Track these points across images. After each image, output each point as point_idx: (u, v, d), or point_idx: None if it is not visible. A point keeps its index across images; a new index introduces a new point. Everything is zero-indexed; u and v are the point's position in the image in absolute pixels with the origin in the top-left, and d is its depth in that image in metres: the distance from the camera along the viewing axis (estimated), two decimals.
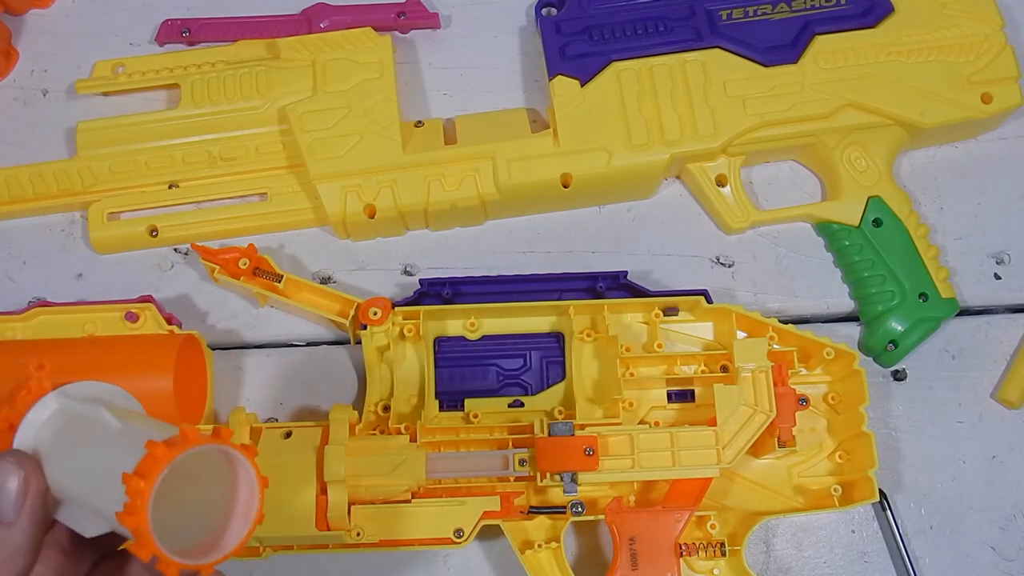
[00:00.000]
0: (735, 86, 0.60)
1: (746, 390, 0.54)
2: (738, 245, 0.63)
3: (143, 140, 0.62)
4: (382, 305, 0.56)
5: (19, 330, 0.58)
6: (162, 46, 0.67)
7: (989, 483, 0.59)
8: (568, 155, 0.60)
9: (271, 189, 0.62)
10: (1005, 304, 0.62)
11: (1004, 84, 0.61)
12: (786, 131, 0.60)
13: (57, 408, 0.39)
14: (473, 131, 0.62)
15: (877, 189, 0.60)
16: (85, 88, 0.64)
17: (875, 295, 0.59)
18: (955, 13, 0.61)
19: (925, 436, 0.60)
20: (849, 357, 0.56)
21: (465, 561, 0.58)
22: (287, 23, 0.66)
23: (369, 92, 0.61)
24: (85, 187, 0.62)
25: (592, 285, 0.58)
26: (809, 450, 0.57)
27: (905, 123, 0.60)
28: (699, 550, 0.54)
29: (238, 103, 0.62)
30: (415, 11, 0.66)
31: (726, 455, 0.53)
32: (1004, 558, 0.58)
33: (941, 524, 0.58)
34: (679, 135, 0.60)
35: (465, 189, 0.60)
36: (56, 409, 0.39)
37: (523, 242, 0.63)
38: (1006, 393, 0.59)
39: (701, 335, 0.59)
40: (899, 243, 0.60)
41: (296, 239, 0.63)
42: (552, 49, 0.62)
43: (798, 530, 0.58)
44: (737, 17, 0.62)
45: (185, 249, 0.63)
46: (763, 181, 0.64)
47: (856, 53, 0.61)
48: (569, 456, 0.52)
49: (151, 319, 0.58)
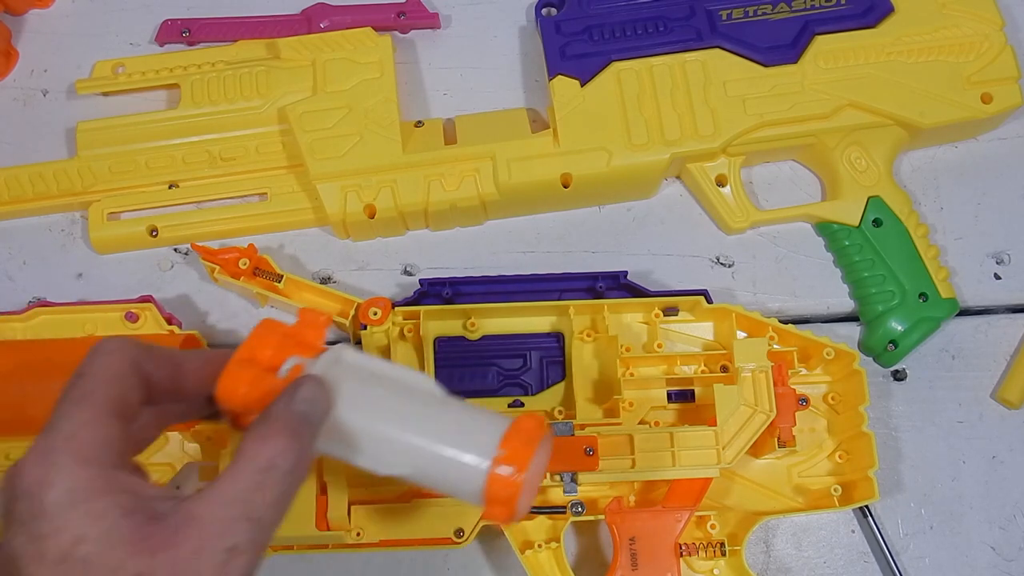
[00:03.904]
0: (735, 86, 0.60)
1: (746, 390, 0.54)
2: (738, 245, 0.63)
3: (143, 140, 0.62)
4: (382, 305, 0.56)
5: (19, 330, 0.58)
6: (162, 46, 0.67)
7: (989, 483, 0.59)
8: (568, 155, 0.60)
9: (271, 189, 0.62)
10: (1005, 304, 0.62)
11: (1004, 84, 0.61)
12: (786, 131, 0.60)
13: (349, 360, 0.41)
14: (473, 131, 0.62)
15: (877, 189, 0.60)
16: (85, 88, 0.64)
17: (875, 295, 0.59)
18: (955, 13, 0.61)
19: (925, 436, 0.60)
20: (849, 357, 0.56)
21: (465, 561, 0.58)
22: (287, 23, 0.66)
23: (369, 92, 0.61)
24: (85, 187, 0.62)
25: (592, 285, 0.58)
26: (809, 450, 0.58)
27: (905, 123, 0.60)
28: (699, 550, 0.54)
29: (238, 103, 0.62)
30: (415, 11, 0.66)
31: (726, 455, 0.53)
32: (1004, 558, 0.58)
33: (941, 524, 0.58)
34: (679, 135, 0.60)
35: (465, 189, 0.60)
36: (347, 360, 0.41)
37: (523, 242, 0.63)
38: (1006, 393, 0.59)
39: (701, 335, 0.59)
40: (899, 243, 0.60)
41: (296, 239, 0.63)
42: (552, 49, 0.62)
43: (798, 530, 0.58)
44: (737, 17, 0.62)
45: (185, 249, 0.63)
46: (763, 181, 0.64)
47: (856, 53, 0.61)
48: (569, 456, 0.52)
49: (151, 319, 0.58)
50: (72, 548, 0.33)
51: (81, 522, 0.33)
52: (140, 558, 0.33)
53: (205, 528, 0.34)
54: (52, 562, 0.33)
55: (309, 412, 0.38)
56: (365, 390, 0.40)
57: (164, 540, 0.33)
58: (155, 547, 0.33)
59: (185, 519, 0.34)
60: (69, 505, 0.33)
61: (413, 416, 0.41)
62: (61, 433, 0.35)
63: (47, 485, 0.33)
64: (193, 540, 0.33)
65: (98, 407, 0.36)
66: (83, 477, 0.34)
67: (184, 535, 0.33)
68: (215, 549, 0.33)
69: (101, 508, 0.33)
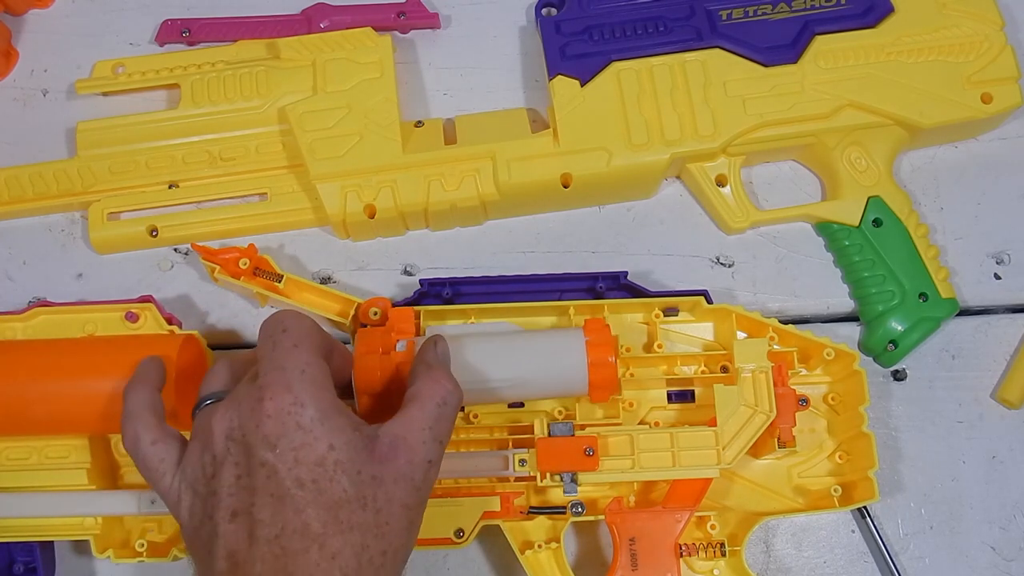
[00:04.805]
0: (735, 86, 0.60)
1: (746, 390, 0.54)
2: (738, 245, 0.63)
3: (143, 140, 0.62)
4: (382, 305, 0.56)
5: (19, 330, 0.58)
6: (162, 46, 0.67)
7: (989, 483, 0.59)
8: (568, 155, 0.60)
9: (271, 189, 0.62)
10: (1005, 304, 0.62)
11: (1004, 84, 0.60)
12: (786, 131, 0.60)
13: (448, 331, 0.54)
14: (473, 131, 0.62)
15: (877, 189, 0.60)
16: (85, 88, 0.64)
17: (875, 295, 0.59)
18: (955, 13, 0.61)
19: (925, 436, 0.60)
20: (849, 357, 0.56)
21: (465, 561, 0.58)
22: (287, 23, 0.66)
23: (369, 92, 0.61)
24: (85, 187, 0.62)
25: (592, 285, 0.58)
26: (809, 450, 0.58)
27: (905, 123, 0.60)
28: (699, 550, 0.54)
29: (238, 103, 0.62)
30: (415, 11, 0.66)
31: (726, 455, 0.53)
32: (1004, 558, 0.58)
33: (941, 524, 0.58)
34: (679, 135, 0.60)
35: (465, 189, 0.60)
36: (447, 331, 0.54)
37: (523, 242, 0.63)
38: (1006, 393, 0.59)
39: (701, 335, 0.59)
40: (899, 243, 0.60)
41: (296, 239, 0.63)
42: (552, 49, 0.62)
43: (798, 530, 0.58)
44: (737, 17, 0.62)
45: (185, 249, 0.63)
46: (763, 181, 0.64)
47: (856, 53, 0.61)
48: (569, 456, 0.52)
49: (151, 319, 0.58)
50: (326, 453, 0.41)
51: (331, 434, 0.42)
52: (373, 465, 0.42)
53: (411, 447, 0.43)
54: (310, 465, 0.41)
55: (448, 360, 0.49)
56: (476, 341, 0.52)
57: (384, 453, 0.43)
58: (381, 457, 0.42)
59: (394, 439, 0.43)
60: (320, 421, 0.42)
61: (518, 344, 0.53)
62: (295, 369, 0.43)
63: (300, 405, 0.42)
64: (404, 454, 0.43)
65: (314, 349, 0.44)
66: (326, 399, 0.43)
67: (397, 450, 0.43)
68: (421, 461, 0.43)
69: (341, 423, 0.42)
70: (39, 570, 0.56)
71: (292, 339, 0.44)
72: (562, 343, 0.53)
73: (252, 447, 0.41)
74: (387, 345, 0.51)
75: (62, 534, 0.55)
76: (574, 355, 0.52)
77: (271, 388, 0.42)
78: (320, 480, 0.41)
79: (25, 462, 0.55)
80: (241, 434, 0.42)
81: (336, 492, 0.41)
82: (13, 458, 0.55)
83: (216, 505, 0.42)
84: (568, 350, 0.52)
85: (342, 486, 0.41)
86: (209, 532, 0.42)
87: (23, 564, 0.56)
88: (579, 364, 0.52)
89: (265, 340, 0.45)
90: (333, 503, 0.41)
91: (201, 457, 0.43)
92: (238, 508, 0.41)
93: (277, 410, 0.42)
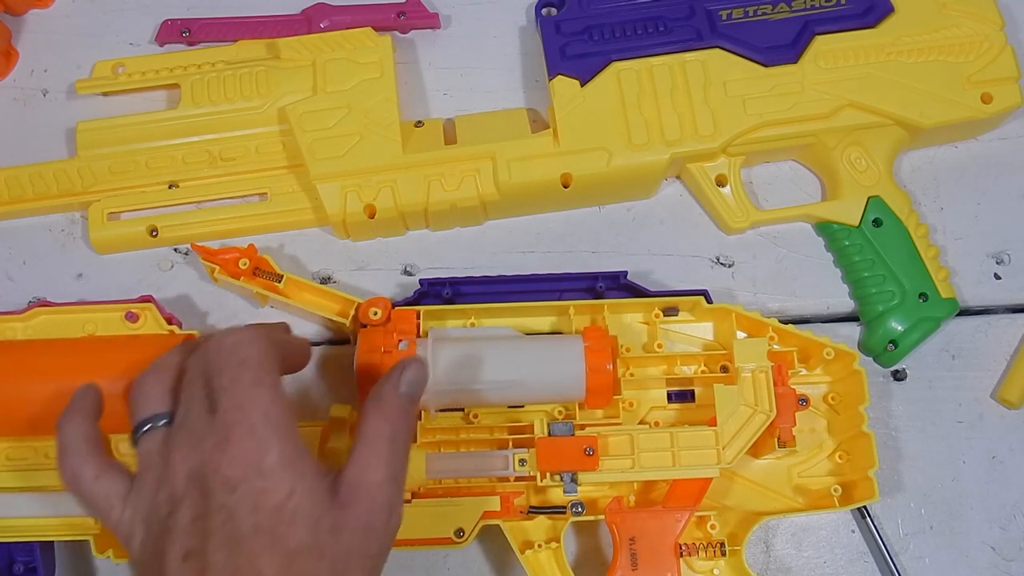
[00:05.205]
0: (735, 86, 0.60)
1: (746, 390, 0.54)
2: (738, 245, 0.63)
3: (143, 140, 0.62)
4: (382, 305, 0.56)
5: (19, 330, 0.58)
6: (162, 46, 0.67)
7: (989, 483, 0.59)
8: (568, 155, 0.60)
9: (271, 189, 0.62)
10: (1005, 304, 0.62)
11: (1004, 84, 0.61)
12: (786, 131, 0.60)
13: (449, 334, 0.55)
14: (473, 131, 0.62)
15: (877, 189, 0.60)
16: (85, 88, 0.64)
17: (875, 295, 0.59)
18: (955, 13, 0.61)
19: (925, 436, 0.60)
20: (849, 357, 0.56)
21: (465, 561, 0.58)
22: (287, 23, 0.66)
23: (369, 92, 0.61)
24: (85, 187, 0.62)
25: (592, 285, 0.58)
26: (809, 450, 0.58)
27: (905, 123, 0.60)
28: (699, 550, 0.54)
29: (238, 103, 0.62)
30: (415, 11, 0.66)
31: (726, 455, 0.53)
32: (1004, 558, 0.58)
33: (941, 524, 0.58)
34: (679, 135, 0.60)
35: (465, 189, 0.60)
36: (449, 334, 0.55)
37: (523, 242, 0.63)
38: (1006, 393, 0.59)
39: (701, 335, 0.59)
40: (899, 243, 0.60)
41: (296, 239, 0.63)
42: (552, 49, 0.62)
43: (798, 530, 0.58)
44: (737, 17, 0.62)
45: (185, 249, 0.63)
46: (763, 181, 0.64)
47: (856, 53, 0.61)
48: (569, 456, 0.52)
49: (151, 319, 0.57)
50: (286, 499, 0.40)
51: (292, 479, 0.41)
52: (333, 511, 0.41)
53: (371, 492, 0.42)
54: (269, 511, 0.40)
55: (412, 392, 0.46)
56: (476, 345, 0.54)
57: (344, 499, 0.42)
58: (342, 503, 0.42)
59: (352, 486, 0.42)
60: (282, 466, 0.41)
61: (518, 348, 0.54)
62: (257, 410, 0.42)
63: (264, 452, 0.41)
64: (365, 500, 0.42)
65: (273, 384, 0.43)
66: (289, 444, 0.42)
67: (358, 497, 0.42)
68: (381, 506, 0.43)
69: (303, 470, 0.41)
70: (39, 570, 0.55)
71: (251, 374, 0.43)
72: (561, 348, 0.54)
73: (211, 490, 0.41)
74: (389, 345, 0.53)
75: (62, 534, 0.55)
76: (572, 361, 0.53)
77: (235, 429, 0.41)
78: (277, 527, 0.40)
79: (25, 462, 0.55)
80: (201, 474, 0.41)
81: (293, 541, 0.40)
82: (13, 458, 0.55)
83: (170, 544, 0.40)
84: (567, 355, 0.53)
85: (299, 535, 0.40)
86: (158, 570, 0.40)
87: (23, 564, 0.56)
88: (577, 370, 0.53)
89: (221, 370, 0.43)
90: (289, 552, 0.40)
91: (157, 493, 0.42)
92: (192, 549, 0.40)
93: (240, 453, 0.41)
